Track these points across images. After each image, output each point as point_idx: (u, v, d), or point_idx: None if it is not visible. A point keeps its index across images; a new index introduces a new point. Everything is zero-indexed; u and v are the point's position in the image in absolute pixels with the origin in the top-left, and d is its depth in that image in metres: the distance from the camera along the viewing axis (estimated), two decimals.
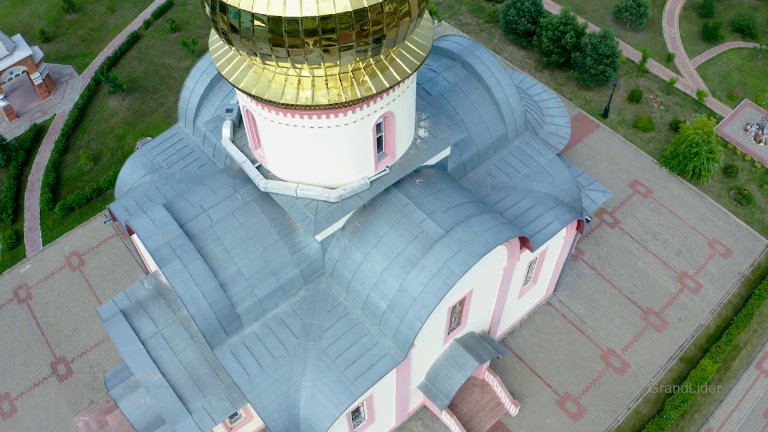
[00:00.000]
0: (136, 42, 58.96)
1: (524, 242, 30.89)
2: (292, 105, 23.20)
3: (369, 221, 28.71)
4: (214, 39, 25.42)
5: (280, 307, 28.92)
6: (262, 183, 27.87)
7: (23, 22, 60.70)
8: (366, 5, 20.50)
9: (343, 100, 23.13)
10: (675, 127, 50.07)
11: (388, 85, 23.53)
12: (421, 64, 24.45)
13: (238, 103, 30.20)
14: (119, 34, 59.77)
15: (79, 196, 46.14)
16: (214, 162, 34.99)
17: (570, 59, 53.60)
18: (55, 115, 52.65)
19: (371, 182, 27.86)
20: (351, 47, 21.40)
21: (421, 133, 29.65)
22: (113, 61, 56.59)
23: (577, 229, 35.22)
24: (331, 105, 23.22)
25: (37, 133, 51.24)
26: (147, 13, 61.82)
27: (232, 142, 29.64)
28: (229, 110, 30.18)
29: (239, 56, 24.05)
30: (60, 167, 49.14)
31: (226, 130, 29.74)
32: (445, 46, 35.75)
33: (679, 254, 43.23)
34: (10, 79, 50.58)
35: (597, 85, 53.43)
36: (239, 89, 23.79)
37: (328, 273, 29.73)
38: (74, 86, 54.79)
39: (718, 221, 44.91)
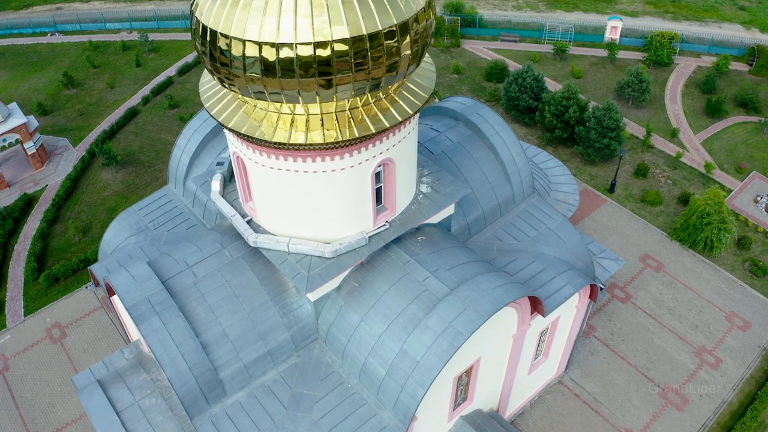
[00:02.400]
0: (133, 117, 58.55)
1: (535, 306, 28.66)
2: (284, 145, 21.51)
3: (367, 280, 26.55)
4: (207, 80, 24.13)
5: (268, 374, 26.29)
6: (251, 237, 25.92)
7: (22, 96, 60.49)
8: (364, 33, 19.18)
9: (340, 140, 21.44)
10: (684, 200, 48.61)
11: (388, 125, 21.90)
12: (423, 105, 22.99)
13: (229, 157, 28.73)
14: (117, 109, 59.44)
15: (65, 266, 44.11)
16: (203, 223, 33.15)
17: (574, 134, 52.71)
18: (46, 185, 51.36)
19: (369, 237, 25.94)
20: (349, 79, 19.93)
21: (423, 188, 28.01)
22: (109, 135, 55.88)
23: (590, 297, 33.08)
24: (326, 145, 21.50)
25: (27, 202, 49.79)
26: (146, 90, 61.77)
27: (222, 196, 27.94)
28: (219, 164, 28.68)
29: (230, 95, 22.66)
30: (48, 237, 47.34)
31: (216, 184, 28.08)
32: (448, 106, 34.63)
33: (696, 328, 40.76)
34: (4, 147, 49.59)
35: (602, 159, 52.35)
36: (228, 128, 22.20)
37: (322, 338, 27.33)
38: (68, 158, 53.77)
39: (734, 294, 42.66)
